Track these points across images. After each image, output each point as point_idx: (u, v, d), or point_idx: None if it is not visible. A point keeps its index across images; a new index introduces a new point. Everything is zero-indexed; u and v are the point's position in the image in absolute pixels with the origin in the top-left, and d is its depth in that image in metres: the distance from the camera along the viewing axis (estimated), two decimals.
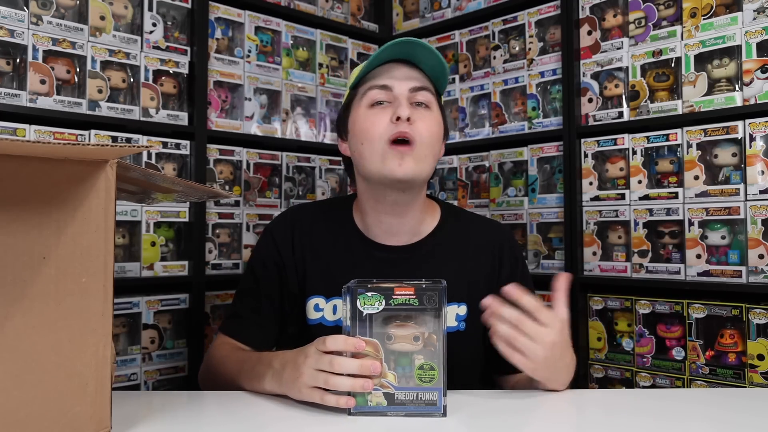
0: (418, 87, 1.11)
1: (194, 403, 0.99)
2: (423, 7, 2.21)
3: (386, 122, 1.07)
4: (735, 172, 1.51)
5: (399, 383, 0.82)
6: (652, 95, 1.66)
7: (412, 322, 0.83)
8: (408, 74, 1.11)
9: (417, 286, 0.83)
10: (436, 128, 1.11)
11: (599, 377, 1.72)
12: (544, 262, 1.84)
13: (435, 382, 0.81)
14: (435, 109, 1.13)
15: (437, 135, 1.12)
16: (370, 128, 1.09)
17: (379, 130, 1.08)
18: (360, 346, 0.83)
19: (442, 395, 0.82)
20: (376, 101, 1.10)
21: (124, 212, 1.63)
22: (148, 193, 0.93)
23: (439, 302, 0.82)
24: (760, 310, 1.44)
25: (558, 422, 0.90)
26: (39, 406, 0.65)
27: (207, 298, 1.78)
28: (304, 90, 2.03)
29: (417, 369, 0.82)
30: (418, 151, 1.07)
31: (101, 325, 0.69)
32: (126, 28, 1.68)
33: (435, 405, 0.81)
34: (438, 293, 0.82)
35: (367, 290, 0.83)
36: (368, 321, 0.83)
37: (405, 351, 0.82)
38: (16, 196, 0.64)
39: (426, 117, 1.10)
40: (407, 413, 0.82)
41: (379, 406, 0.82)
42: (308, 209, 1.26)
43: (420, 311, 0.82)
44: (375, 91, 1.10)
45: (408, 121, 1.06)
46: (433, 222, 1.21)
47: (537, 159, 1.88)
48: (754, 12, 1.49)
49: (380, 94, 1.10)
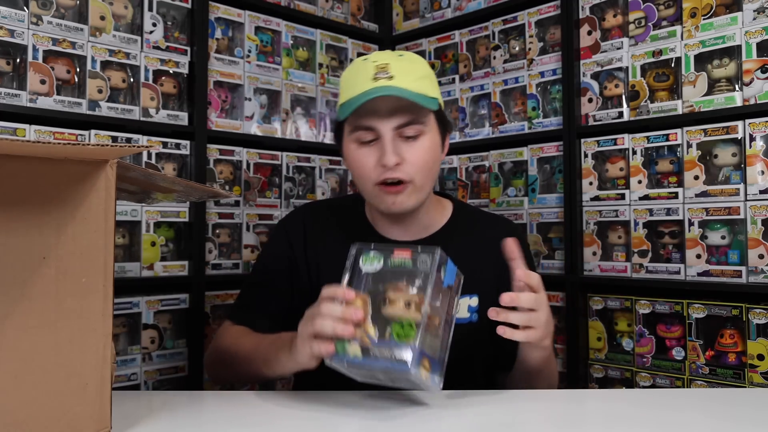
0: (404, 123, 1.06)
1: (194, 403, 0.99)
2: (423, 7, 2.21)
3: (373, 165, 1.07)
4: (735, 172, 1.51)
5: (378, 340, 0.83)
6: (652, 95, 1.66)
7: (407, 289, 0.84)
8: (393, 107, 1.05)
9: (413, 249, 0.87)
10: (428, 156, 1.09)
11: (599, 377, 1.72)
12: (544, 262, 1.84)
13: (410, 340, 0.80)
14: (428, 131, 1.09)
15: (430, 162, 1.10)
16: (360, 170, 1.09)
17: (366, 174, 1.08)
18: (350, 296, 0.84)
19: (417, 355, 0.79)
20: (363, 141, 1.08)
21: (124, 212, 1.63)
22: (148, 193, 0.93)
23: (430, 265, 0.84)
24: (760, 310, 1.44)
25: (558, 422, 0.90)
26: (39, 406, 0.65)
27: (207, 298, 1.78)
28: (304, 90, 2.03)
29: (395, 324, 0.82)
30: (413, 187, 1.08)
31: (101, 325, 0.69)
32: (126, 28, 1.68)
33: (405, 364, 0.79)
34: (431, 256, 0.85)
35: (371, 249, 0.88)
36: (364, 280, 0.87)
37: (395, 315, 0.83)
38: (16, 196, 0.64)
39: (416, 150, 1.07)
40: (381, 368, 0.81)
41: (355, 358, 0.82)
42: (321, 206, 1.29)
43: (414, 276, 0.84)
44: (361, 132, 1.08)
45: (397, 164, 1.05)
46: (444, 218, 1.22)
47: (537, 159, 1.88)
48: (754, 12, 1.49)
49: (366, 135, 1.08)
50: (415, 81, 1.06)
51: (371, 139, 1.08)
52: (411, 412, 0.88)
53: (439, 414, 0.88)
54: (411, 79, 1.06)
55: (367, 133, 1.07)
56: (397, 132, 1.06)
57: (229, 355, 1.12)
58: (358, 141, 1.09)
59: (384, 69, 1.04)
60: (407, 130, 1.07)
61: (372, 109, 1.05)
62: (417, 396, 0.95)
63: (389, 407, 0.89)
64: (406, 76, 1.05)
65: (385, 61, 1.06)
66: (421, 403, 0.92)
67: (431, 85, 1.11)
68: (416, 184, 1.08)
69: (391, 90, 1.03)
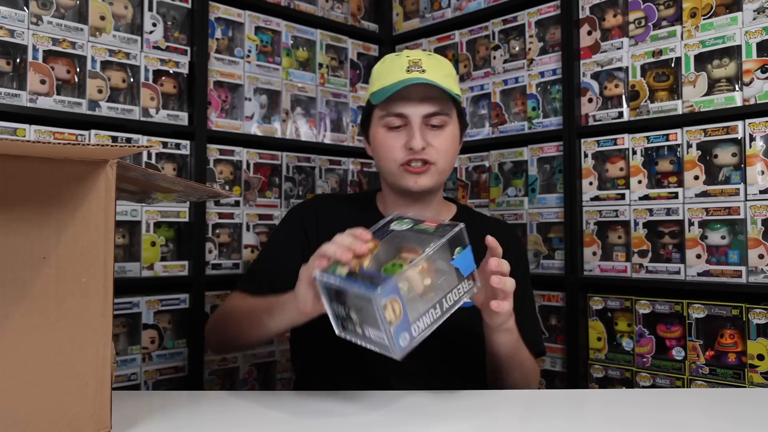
0: (432, 113, 1.18)
1: (194, 403, 0.99)
2: (423, 7, 2.21)
3: (401, 147, 1.18)
4: (735, 172, 1.51)
5: (366, 269, 0.83)
6: (652, 95, 1.66)
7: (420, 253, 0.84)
8: (424, 96, 1.17)
9: (441, 221, 0.90)
10: (450, 144, 1.21)
11: (599, 377, 1.72)
12: (544, 262, 1.84)
13: (393, 275, 0.79)
14: (451, 123, 1.21)
15: (452, 150, 1.23)
16: (387, 152, 1.20)
17: (394, 155, 1.19)
18: (365, 236, 0.87)
19: (391, 289, 0.78)
20: (392, 126, 1.20)
21: (124, 212, 1.63)
22: (148, 193, 0.93)
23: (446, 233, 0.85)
24: (760, 310, 1.44)
25: (558, 422, 0.90)
26: (39, 406, 0.65)
27: (207, 298, 1.78)
28: (304, 90, 2.03)
29: (388, 264, 0.83)
30: (435, 169, 1.19)
31: (101, 325, 0.69)
32: (126, 28, 1.68)
33: (375, 289, 0.76)
34: (450, 227, 0.87)
35: (406, 217, 0.93)
36: (388, 235, 0.88)
37: (396, 262, 0.83)
38: (16, 196, 0.64)
39: (440, 138, 1.20)
40: (354, 292, 0.80)
41: (339, 276, 0.83)
42: (333, 198, 1.40)
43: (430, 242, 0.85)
44: (391, 118, 1.19)
45: (423, 149, 1.17)
46: (449, 217, 1.32)
47: (537, 159, 1.88)
48: (754, 12, 1.49)
49: (396, 121, 1.19)
50: (443, 77, 1.18)
51: (399, 125, 1.19)
52: (412, 412, 0.88)
53: (439, 414, 0.88)
54: (440, 75, 1.18)
55: (397, 119, 1.19)
56: (425, 120, 1.18)
57: (232, 315, 1.16)
58: (387, 126, 1.20)
59: (417, 63, 1.17)
60: (434, 120, 1.19)
61: (404, 96, 1.17)
62: (418, 397, 0.95)
63: (390, 407, 0.89)
64: (436, 71, 1.18)
65: (418, 57, 1.19)
66: (420, 405, 0.92)
67: (455, 83, 1.24)
68: (438, 167, 1.19)
69: (424, 80, 1.15)
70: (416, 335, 0.81)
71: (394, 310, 0.78)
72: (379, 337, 0.79)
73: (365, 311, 0.80)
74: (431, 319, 0.83)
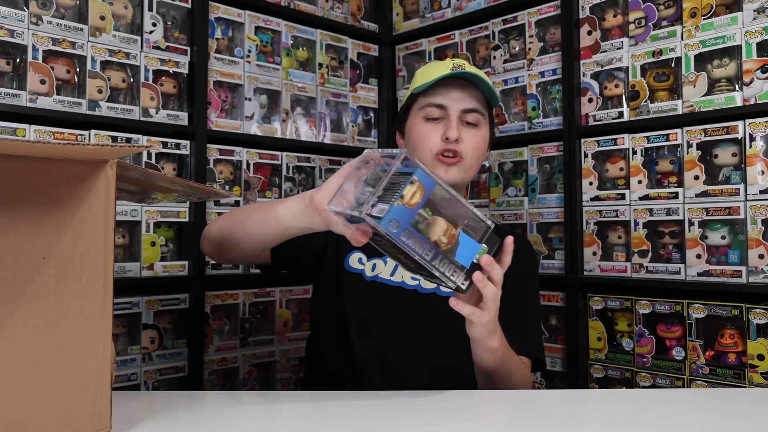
0: (470, 109, 1.24)
1: (194, 403, 0.99)
2: (423, 7, 2.21)
3: (437, 137, 1.23)
4: (735, 172, 1.51)
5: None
6: (652, 95, 1.66)
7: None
8: (462, 95, 1.24)
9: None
10: (481, 144, 1.26)
11: (599, 377, 1.72)
12: (544, 262, 1.84)
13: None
14: (483, 126, 1.27)
15: (482, 149, 1.28)
16: (423, 141, 1.24)
17: (429, 144, 1.23)
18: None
19: (429, 180, 0.79)
20: (431, 117, 1.24)
21: (124, 212, 1.63)
22: (148, 193, 0.93)
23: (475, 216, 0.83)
24: (760, 310, 1.44)
25: (558, 422, 0.90)
26: (39, 406, 0.65)
27: (207, 298, 1.78)
28: (304, 90, 2.03)
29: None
30: (464, 164, 1.23)
31: (101, 325, 0.69)
32: (126, 28, 1.68)
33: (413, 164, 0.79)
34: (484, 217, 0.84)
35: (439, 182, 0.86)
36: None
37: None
38: (16, 196, 0.64)
39: (473, 135, 1.24)
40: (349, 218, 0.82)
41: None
42: None
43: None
44: (431, 109, 1.25)
45: (456, 141, 1.21)
46: None
47: (537, 159, 1.88)
48: (754, 12, 1.49)
49: (435, 112, 1.24)
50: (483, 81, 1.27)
51: (437, 117, 1.24)
52: (414, 412, 0.88)
53: (439, 414, 0.88)
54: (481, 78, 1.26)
55: (437, 109, 1.24)
56: (462, 116, 1.24)
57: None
58: (426, 117, 1.25)
59: (460, 66, 1.24)
60: (470, 116, 1.24)
61: (446, 89, 1.24)
62: (419, 398, 0.95)
63: (392, 408, 0.89)
64: (478, 74, 1.26)
65: (462, 61, 1.27)
66: (421, 405, 0.92)
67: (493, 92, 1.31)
68: (466, 162, 1.23)
69: (468, 75, 1.23)
70: (405, 240, 0.79)
71: (414, 194, 0.79)
72: (382, 210, 0.79)
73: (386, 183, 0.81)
74: (420, 256, 0.81)
